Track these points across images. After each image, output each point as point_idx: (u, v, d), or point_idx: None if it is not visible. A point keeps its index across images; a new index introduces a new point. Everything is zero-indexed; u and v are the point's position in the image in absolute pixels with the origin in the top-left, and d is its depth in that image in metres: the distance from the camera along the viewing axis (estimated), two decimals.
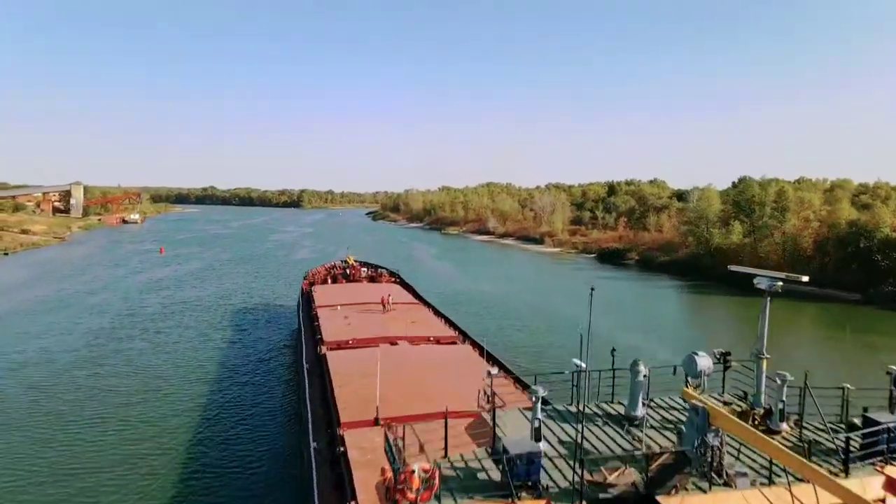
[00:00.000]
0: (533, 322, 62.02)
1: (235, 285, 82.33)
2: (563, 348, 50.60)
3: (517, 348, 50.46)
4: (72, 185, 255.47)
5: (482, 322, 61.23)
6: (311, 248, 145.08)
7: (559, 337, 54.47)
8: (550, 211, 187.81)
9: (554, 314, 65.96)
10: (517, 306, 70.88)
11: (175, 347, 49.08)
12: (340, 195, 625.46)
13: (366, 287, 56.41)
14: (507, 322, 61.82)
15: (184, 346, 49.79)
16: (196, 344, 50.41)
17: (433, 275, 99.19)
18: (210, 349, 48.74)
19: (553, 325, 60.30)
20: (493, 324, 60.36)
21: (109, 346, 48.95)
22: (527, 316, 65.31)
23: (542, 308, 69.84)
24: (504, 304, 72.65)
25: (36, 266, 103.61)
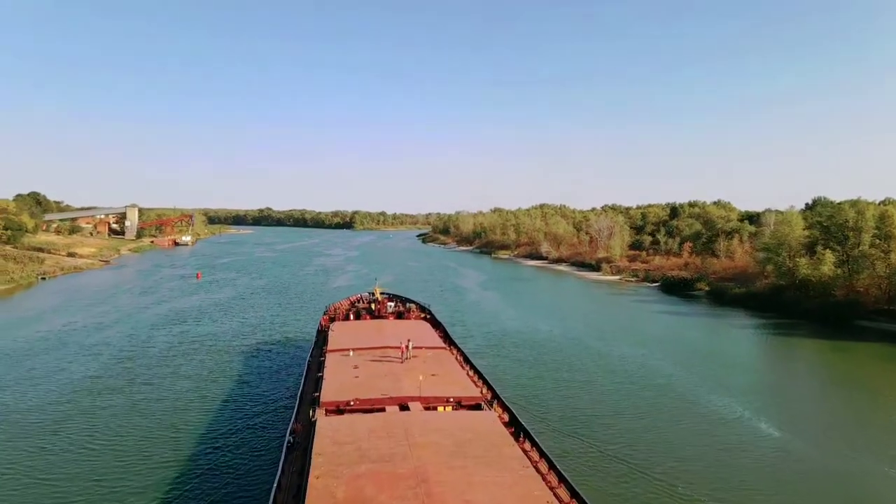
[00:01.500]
0: (596, 377, 51.58)
1: (257, 320, 75.04)
2: (640, 418, 40.36)
3: (571, 418, 40.44)
4: (127, 208, 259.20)
5: (531, 373, 51.34)
6: (353, 274, 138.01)
7: (633, 404, 44.22)
8: (608, 235, 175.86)
9: (623, 366, 55.40)
10: (574, 352, 60.61)
11: (153, 407, 41.20)
12: (392, 217, 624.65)
13: (390, 325, 49.71)
14: (561, 375, 51.69)
15: (165, 404, 41.90)
16: (181, 402, 42.48)
17: (478, 308, 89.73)
18: (195, 409, 40.73)
19: (624, 383, 49.84)
20: (546, 376, 50.42)
21: (81, 403, 41.57)
22: (586, 367, 54.92)
23: (607, 356, 59.27)
24: (558, 347, 62.50)
25: (64, 293, 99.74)
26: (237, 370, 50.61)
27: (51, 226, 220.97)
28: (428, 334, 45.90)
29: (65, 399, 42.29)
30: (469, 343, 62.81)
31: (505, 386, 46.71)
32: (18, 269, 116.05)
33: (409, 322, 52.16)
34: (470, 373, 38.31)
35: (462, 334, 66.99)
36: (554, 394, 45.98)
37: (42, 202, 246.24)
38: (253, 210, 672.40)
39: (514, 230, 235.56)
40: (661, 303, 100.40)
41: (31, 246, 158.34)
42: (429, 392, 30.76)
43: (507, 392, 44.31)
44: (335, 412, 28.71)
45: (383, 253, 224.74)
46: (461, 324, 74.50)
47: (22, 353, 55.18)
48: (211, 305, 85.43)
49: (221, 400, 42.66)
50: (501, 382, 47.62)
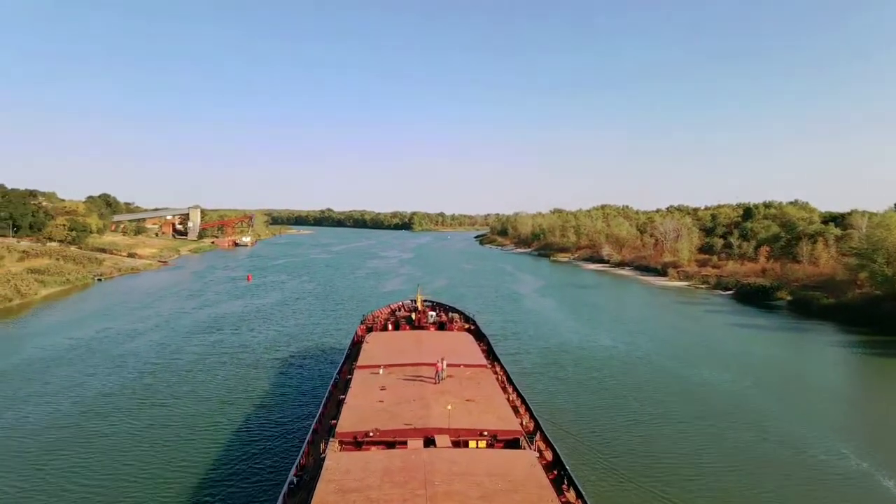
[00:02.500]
0: (671, 409, 44.51)
1: (295, 328, 71.11)
2: (732, 470, 33.31)
3: (636, 464, 33.75)
4: (190, 209, 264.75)
5: (588, 400, 44.77)
6: (404, 278, 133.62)
7: (722, 448, 37.19)
8: (674, 237, 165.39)
9: (705, 395, 48.03)
10: (643, 375, 53.57)
11: (155, 435, 37.17)
12: (451, 217, 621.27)
13: (428, 338, 46.06)
14: (627, 404, 44.92)
15: (170, 431, 37.85)
16: (188, 430, 38.36)
17: (533, 317, 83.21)
18: (202, 439, 36.46)
19: (708, 418, 42.60)
20: (606, 404, 43.80)
21: (83, 427, 37.97)
22: (658, 394, 47.83)
23: (683, 381, 51.94)
24: (623, 367, 55.51)
25: (113, 295, 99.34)
26: (260, 389, 46.24)
27: (120, 227, 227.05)
28: (469, 349, 42.19)
29: (66, 422, 38.85)
30: (520, 359, 56.86)
31: (555, 415, 40.91)
32: (76, 271, 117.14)
33: (451, 334, 48.45)
34: (512, 396, 34.62)
35: (512, 349, 61.03)
36: (614, 429, 39.34)
37: (112, 204, 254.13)
38: (314, 211, 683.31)
39: (574, 232, 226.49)
40: (738, 314, 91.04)
41: (94, 247, 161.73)
42: (459, 423, 27.09)
43: (554, 423, 38.79)
44: (351, 444, 25.76)
45: (438, 255, 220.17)
46: (514, 336, 68.37)
47: (43, 364, 52.70)
48: (252, 311, 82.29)
49: (234, 427, 38.21)
50: (550, 410, 41.88)
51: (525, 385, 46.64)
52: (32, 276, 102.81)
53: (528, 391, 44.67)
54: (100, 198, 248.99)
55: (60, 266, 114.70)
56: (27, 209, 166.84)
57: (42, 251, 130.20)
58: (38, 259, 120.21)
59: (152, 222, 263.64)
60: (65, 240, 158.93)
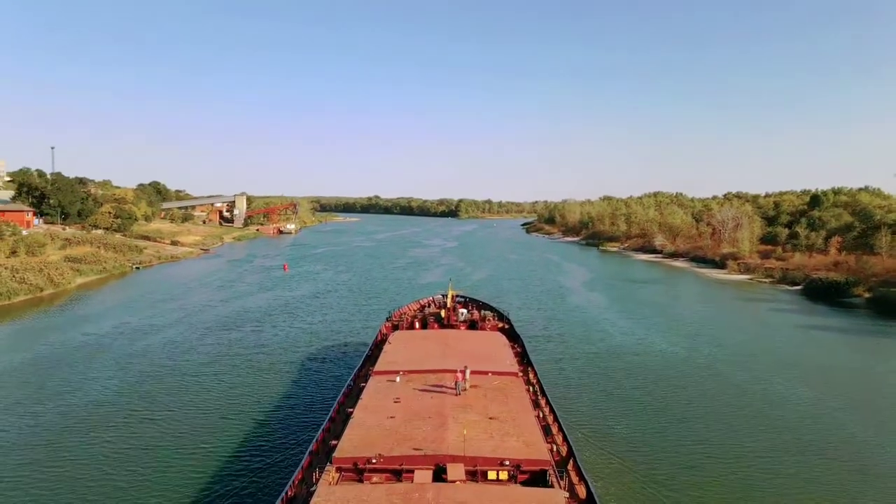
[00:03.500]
0: (743, 435, 37.82)
1: (321, 325, 66.68)
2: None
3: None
4: (236, 196, 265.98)
5: (637, 419, 38.41)
6: (445, 269, 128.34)
7: (820, 494, 30.50)
8: (733, 226, 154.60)
9: (786, 417, 40.92)
10: (706, 388, 46.76)
11: (137, 456, 32.79)
12: (498, 205, 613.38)
13: (457, 339, 42.63)
14: (689, 427, 38.40)
15: (155, 454, 33.46)
16: (178, 449, 33.93)
17: (580, 315, 76.64)
18: (189, 461, 31.88)
19: (793, 450, 35.68)
20: (660, 426, 37.42)
21: (67, 441, 34.00)
22: (726, 413, 41.10)
23: (758, 398, 44.80)
24: (682, 377, 48.71)
25: (146, 285, 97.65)
26: (268, 399, 41.63)
27: (168, 214, 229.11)
28: (499, 353, 38.84)
29: (45, 435, 34.96)
30: (559, 365, 50.93)
31: (594, 437, 35.02)
32: (114, 259, 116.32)
33: (481, 335, 44.95)
34: (545, 411, 31.29)
35: (551, 352, 55.10)
36: (669, 460, 32.95)
37: (162, 191, 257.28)
38: (362, 198, 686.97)
39: (625, 220, 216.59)
40: (809, 313, 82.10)
41: (139, 234, 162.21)
42: (477, 448, 23.69)
43: (593, 449, 32.88)
44: (352, 471, 22.74)
45: (483, 244, 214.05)
46: (555, 337, 62.19)
47: (44, 364, 49.47)
48: (279, 305, 78.37)
49: (229, 445, 33.56)
50: (590, 431, 36.01)
51: (561, 397, 40.99)
52: (69, 265, 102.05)
53: (564, 406, 39.04)
54: (150, 185, 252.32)
55: (99, 254, 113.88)
56: (76, 196, 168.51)
57: (85, 239, 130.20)
58: (80, 247, 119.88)
59: (201, 209, 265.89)
60: (110, 227, 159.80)
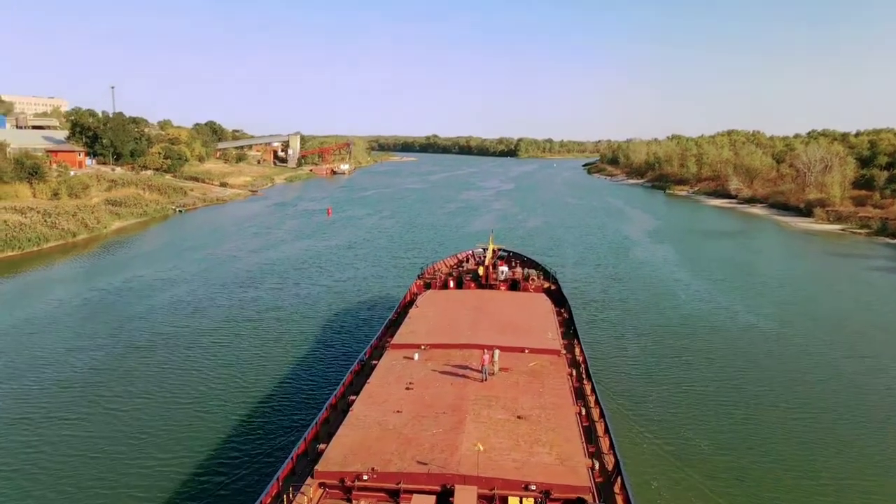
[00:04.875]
0: (865, 446, 29.41)
1: (350, 281, 60.44)
2: None
3: None
4: (290, 136, 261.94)
5: (711, 418, 30.26)
6: (497, 215, 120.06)
7: None
8: (821, 169, 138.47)
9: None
10: (805, 372, 38.01)
11: (108, 450, 27.33)
12: (559, 144, 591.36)
13: (494, 303, 38.38)
14: (786, 427, 30.16)
15: (139, 431, 28.01)
16: (160, 430, 28.38)
17: (643, 273, 67.57)
18: (173, 447, 26.14)
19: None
20: (744, 429, 29.31)
21: (36, 418, 28.86)
22: (835, 409, 32.59)
23: (875, 393, 35.94)
24: (775, 368, 39.78)
25: (183, 230, 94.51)
26: (267, 379, 35.67)
27: (225, 154, 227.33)
28: (541, 322, 34.25)
29: (26, 409, 29.98)
30: (613, 340, 43.00)
31: (651, 444, 27.42)
32: (156, 202, 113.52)
33: (523, 298, 40.35)
34: (589, 403, 25.85)
35: (607, 323, 47.13)
36: (756, 479, 25.00)
37: (217, 131, 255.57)
38: (420, 137, 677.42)
39: (696, 161, 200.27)
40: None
41: (188, 176, 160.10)
42: (497, 467, 19.22)
43: (648, 462, 25.48)
44: (336, 489, 19.01)
45: (541, 186, 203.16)
46: (614, 303, 53.83)
47: (42, 323, 45.18)
48: (311, 256, 72.50)
49: (206, 439, 27.73)
50: (646, 434, 28.34)
51: (613, 384, 33.78)
52: (108, 208, 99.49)
53: (616, 396, 31.83)
54: (206, 125, 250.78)
55: (140, 197, 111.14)
56: (128, 136, 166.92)
57: (132, 180, 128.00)
58: (125, 189, 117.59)
59: (256, 149, 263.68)
60: (160, 168, 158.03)
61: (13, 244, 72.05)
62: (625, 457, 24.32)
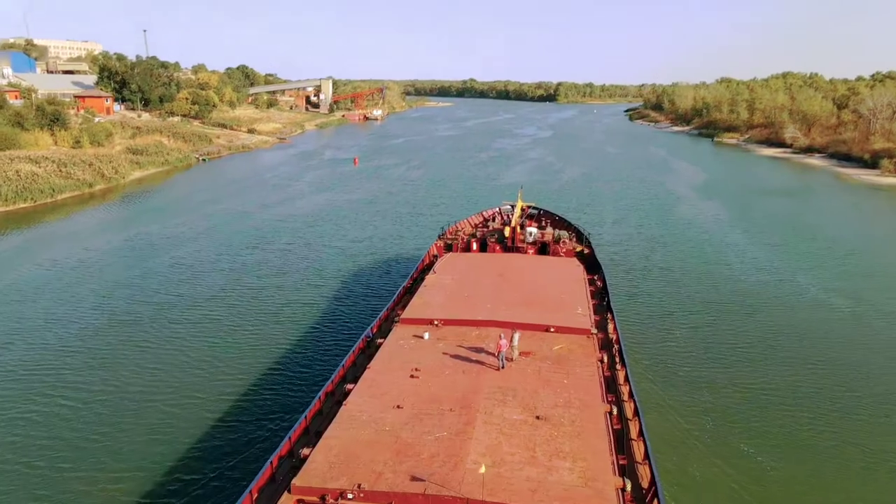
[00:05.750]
0: None
1: (366, 241, 56.07)
2: None
3: None
4: (322, 81, 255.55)
5: (781, 429, 25.28)
6: (532, 165, 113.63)
7: None
8: (890, 115, 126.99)
9: None
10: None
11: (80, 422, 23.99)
12: (601, 89, 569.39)
13: (519, 270, 35.13)
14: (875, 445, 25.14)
15: (106, 423, 24.63)
16: (129, 425, 24.92)
17: (689, 234, 61.48)
18: (143, 441, 22.69)
19: None
20: (821, 443, 24.37)
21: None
22: None
23: None
24: (853, 356, 34.23)
25: (203, 180, 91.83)
26: (260, 362, 31.87)
27: (256, 99, 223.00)
28: (571, 295, 30.98)
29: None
30: (656, 316, 37.90)
31: (697, 455, 22.98)
32: (179, 150, 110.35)
33: (552, 264, 37.25)
34: (622, 397, 22.58)
35: (647, 295, 41.94)
36: None
37: (249, 75, 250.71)
38: (457, 82, 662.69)
39: (747, 107, 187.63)
40: None
41: (216, 122, 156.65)
42: (507, 487, 16.20)
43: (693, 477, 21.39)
44: None
45: (579, 134, 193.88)
46: (657, 270, 48.32)
47: (26, 289, 41.85)
48: (329, 212, 68.21)
49: (184, 432, 24.08)
50: (695, 443, 23.84)
51: (650, 369, 29.35)
52: (129, 157, 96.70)
53: (652, 386, 27.51)
54: (238, 69, 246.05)
55: (162, 146, 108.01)
56: (156, 81, 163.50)
57: (157, 127, 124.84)
58: (150, 136, 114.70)
59: (289, 94, 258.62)
60: (187, 114, 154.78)
61: (25, 195, 69.75)
62: (663, 468, 20.20)
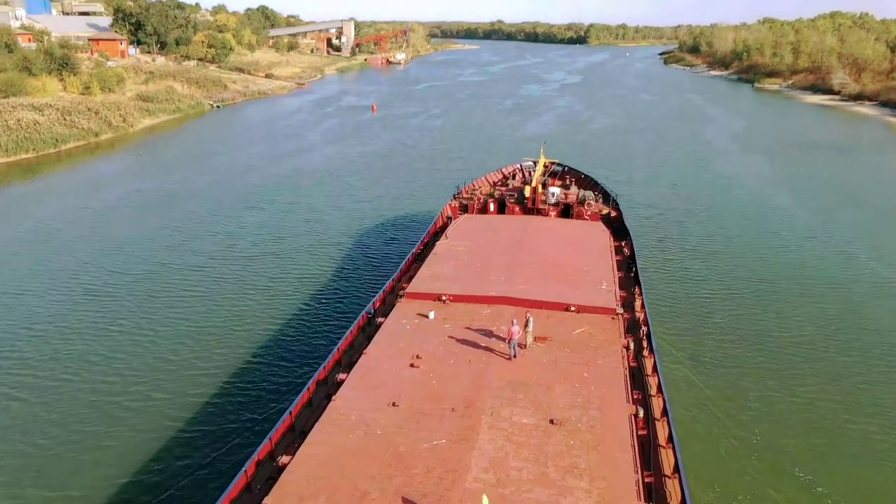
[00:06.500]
0: None
1: (376, 201, 52.31)
2: None
3: None
4: (343, 22, 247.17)
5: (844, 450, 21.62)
6: (558, 114, 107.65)
7: None
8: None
9: None
10: None
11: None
12: (634, 30, 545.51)
13: (538, 236, 32.67)
14: None
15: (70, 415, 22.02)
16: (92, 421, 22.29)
17: (730, 196, 56.40)
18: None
19: None
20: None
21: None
22: None
23: None
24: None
25: (212, 131, 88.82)
26: (251, 340, 28.95)
27: (277, 42, 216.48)
28: (595, 265, 28.55)
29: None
30: (694, 293, 33.88)
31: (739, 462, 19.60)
32: (191, 97, 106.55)
33: (577, 228, 34.88)
34: (651, 392, 19.69)
35: (684, 264, 37.80)
36: None
37: (270, 16, 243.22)
38: (484, 23, 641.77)
39: (792, 50, 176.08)
40: None
41: (233, 66, 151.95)
42: None
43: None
44: None
45: (611, 79, 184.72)
46: (696, 236, 43.98)
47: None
48: (337, 168, 64.14)
49: (155, 434, 21.36)
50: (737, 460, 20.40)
51: (682, 357, 25.89)
52: (139, 104, 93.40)
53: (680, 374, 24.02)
54: (258, 10, 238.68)
55: (173, 92, 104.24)
56: (173, 23, 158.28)
57: (171, 72, 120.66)
58: (163, 81, 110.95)
59: (310, 37, 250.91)
60: (204, 58, 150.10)
61: (26, 146, 67.14)
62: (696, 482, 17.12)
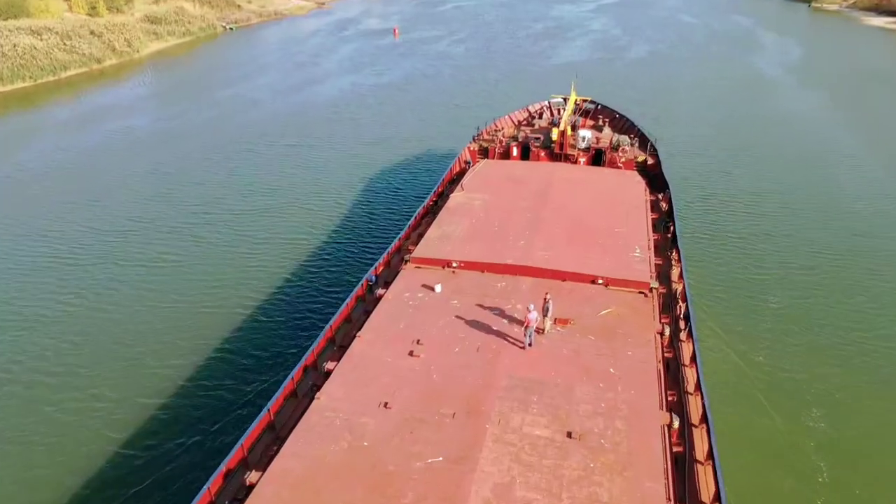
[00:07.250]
0: None
1: (388, 144, 47.69)
2: None
3: None
4: None
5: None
6: (591, 40, 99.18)
7: None
8: None
9: None
10: None
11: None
12: None
13: (565, 188, 28.82)
14: None
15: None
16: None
17: (786, 139, 50.33)
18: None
19: None
20: None
21: None
22: None
23: None
24: None
25: (222, 56, 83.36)
26: (234, 312, 25.85)
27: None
28: (628, 224, 24.85)
29: None
30: (743, 265, 29.65)
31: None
32: (202, 19, 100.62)
33: (609, 179, 30.72)
34: (689, 389, 16.84)
35: (732, 228, 33.32)
36: None
37: None
38: None
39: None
40: None
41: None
42: None
43: None
44: None
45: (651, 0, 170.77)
46: (746, 193, 38.73)
47: None
48: (355, 99, 59.42)
49: (120, 428, 18.70)
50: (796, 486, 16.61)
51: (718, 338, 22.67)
52: (146, 27, 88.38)
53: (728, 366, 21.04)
54: None
55: (183, 13, 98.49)
56: None
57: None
58: (173, 2, 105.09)
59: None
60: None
61: (23, 73, 63.44)
62: None
